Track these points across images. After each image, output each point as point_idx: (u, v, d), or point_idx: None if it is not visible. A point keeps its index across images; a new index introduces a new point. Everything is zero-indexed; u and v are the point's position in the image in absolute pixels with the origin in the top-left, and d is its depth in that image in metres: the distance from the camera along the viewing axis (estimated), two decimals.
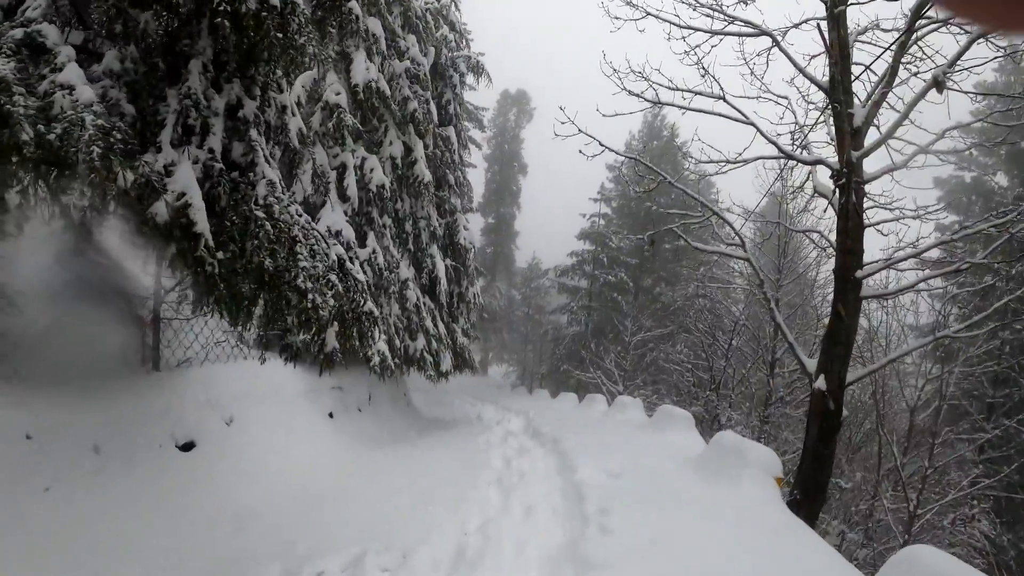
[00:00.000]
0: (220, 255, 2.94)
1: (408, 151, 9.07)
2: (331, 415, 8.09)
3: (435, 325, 9.62)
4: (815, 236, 6.78)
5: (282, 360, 7.29)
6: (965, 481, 9.41)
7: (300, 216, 3.14)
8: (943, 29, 5.67)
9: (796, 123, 7.60)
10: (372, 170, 7.95)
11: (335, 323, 3.66)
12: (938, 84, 5.10)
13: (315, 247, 3.11)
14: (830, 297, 12.50)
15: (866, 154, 5.59)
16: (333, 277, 3.18)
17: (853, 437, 11.35)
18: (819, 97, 7.95)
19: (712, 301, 14.88)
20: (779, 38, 6.70)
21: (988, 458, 10.72)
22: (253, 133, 3.32)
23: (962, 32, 5.67)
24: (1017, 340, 10.41)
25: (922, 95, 5.24)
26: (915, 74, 5.65)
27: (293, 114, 4.04)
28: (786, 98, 7.61)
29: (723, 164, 7.64)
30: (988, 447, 10.61)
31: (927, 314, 15.14)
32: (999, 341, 9.90)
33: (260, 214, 2.95)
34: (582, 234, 26.12)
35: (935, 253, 7.23)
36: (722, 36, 7.25)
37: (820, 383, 5.93)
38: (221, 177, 3.17)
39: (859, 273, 5.86)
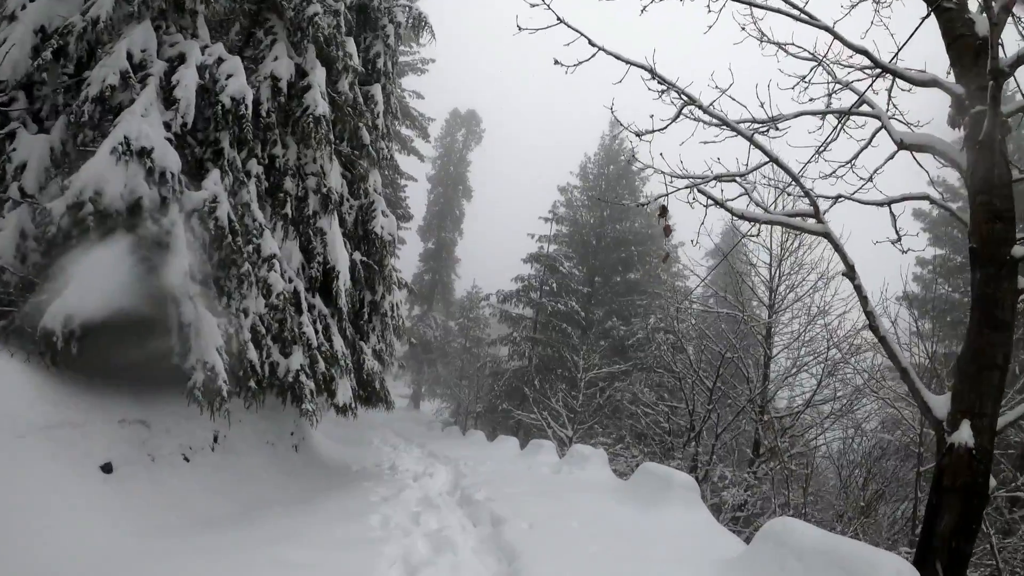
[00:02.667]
0: None
1: (302, 75, 6.16)
2: (108, 469, 4.71)
3: (326, 337, 6.50)
4: (906, 206, 4.35)
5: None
6: None
7: None
8: None
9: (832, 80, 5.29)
10: (229, 76, 4.99)
11: None
12: None
13: None
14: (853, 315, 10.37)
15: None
16: None
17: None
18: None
19: (678, 335, 12.31)
20: None
21: None
22: None
23: None
24: None
25: None
26: None
27: None
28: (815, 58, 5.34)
29: (761, 125, 5.19)
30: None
31: None
32: None
33: None
34: (530, 257, 23.47)
35: None
36: None
37: (963, 435, 3.35)
38: None
39: (1017, 250, 3.46)
